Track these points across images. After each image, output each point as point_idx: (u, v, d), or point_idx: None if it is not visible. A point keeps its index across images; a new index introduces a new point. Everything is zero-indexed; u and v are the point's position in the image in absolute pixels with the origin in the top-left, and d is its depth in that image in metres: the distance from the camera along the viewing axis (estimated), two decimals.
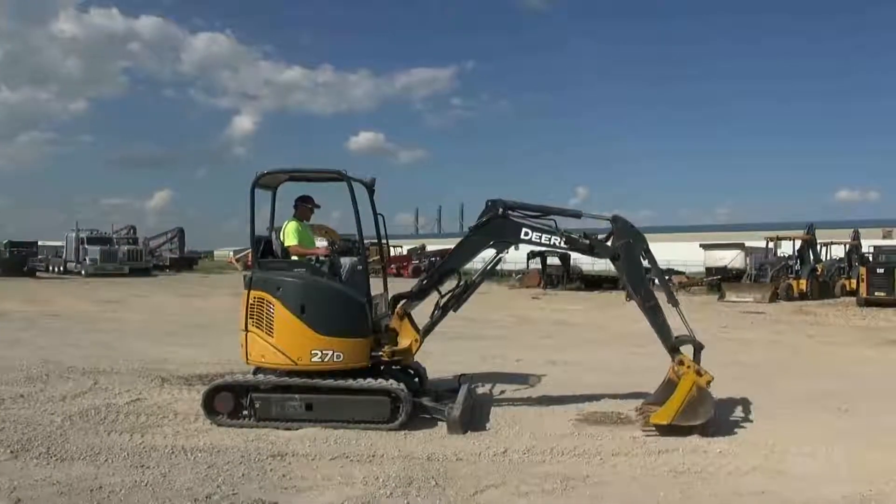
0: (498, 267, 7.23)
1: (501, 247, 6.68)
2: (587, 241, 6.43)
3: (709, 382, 6.02)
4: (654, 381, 8.07)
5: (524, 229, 6.44)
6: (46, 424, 6.04)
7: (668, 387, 6.27)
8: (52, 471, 4.87)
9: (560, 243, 6.48)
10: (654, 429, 5.92)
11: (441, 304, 6.67)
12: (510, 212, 6.49)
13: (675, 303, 6.32)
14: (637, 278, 6.34)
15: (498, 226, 6.50)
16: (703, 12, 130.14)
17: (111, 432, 5.87)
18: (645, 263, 6.46)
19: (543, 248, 6.31)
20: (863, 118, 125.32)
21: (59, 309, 18.47)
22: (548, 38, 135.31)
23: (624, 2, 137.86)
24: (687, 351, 6.21)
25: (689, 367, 6.05)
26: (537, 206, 6.66)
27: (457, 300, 6.65)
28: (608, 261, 6.58)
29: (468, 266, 7.16)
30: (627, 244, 6.32)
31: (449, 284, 6.76)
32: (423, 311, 6.75)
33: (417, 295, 6.67)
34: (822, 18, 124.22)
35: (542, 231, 6.46)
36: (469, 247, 6.68)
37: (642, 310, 6.25)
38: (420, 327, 6.60)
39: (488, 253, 6.81)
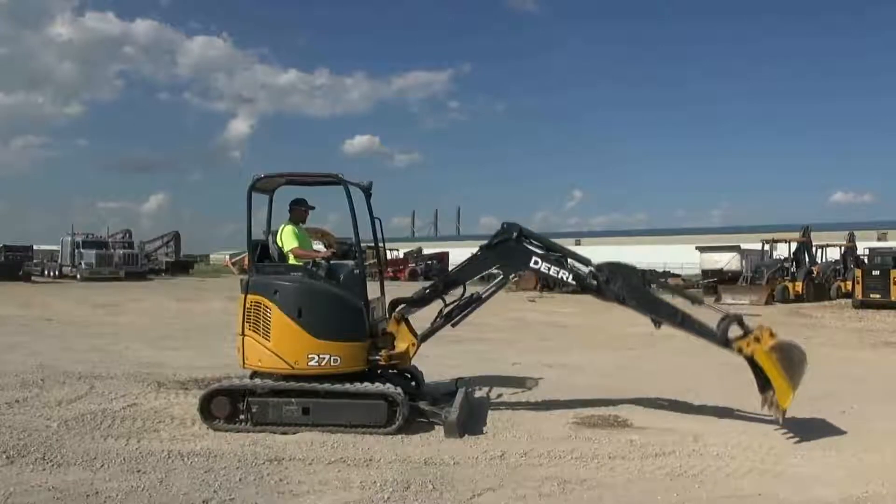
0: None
1: (508, 271, 6.72)
2: (595, 283, 6.35)
3: (772, 336, 5.94)
4: (652, 384, 8.11)
5: (534, 258, 6.45)
6: (42, 430, 6.01)
7: (758, 370, 6.06)
8: (47, 476, 4.84)
9: (568, 279, 6.43)
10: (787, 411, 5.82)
11: (444, 313, 6.68)
12: (523, 239, 6.50)
13: (699, 302, 6.27)
14: (652, 305, 6.29)
15: (509, 250, 6.52)
16: (697, 13, 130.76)
17: (107, 437, 5.85)
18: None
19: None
20: (858, 120, 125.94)
21: (55, 313, 18.39)
22: (543, 40, 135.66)
23: (618, 3, 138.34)
24: (735, 332, 6.07)
25: (748, 345, 5.94)
26: (550, 243, 6.68)
27: (461, 310, 6.65)
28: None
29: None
30: (623, 281, 6.29)
31: (453, 295, 6.75)
32: (421, 317, 6.74)
33: (417, 302, 6.68)
34: (818, 19, 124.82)
35: (552, 263, 6.43)
36: (477, 265, 6.71)
37: (675, 327, 6.21)
38: (418, 332, 6.60)
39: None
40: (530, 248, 6.52)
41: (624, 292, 6.28)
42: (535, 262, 6.46)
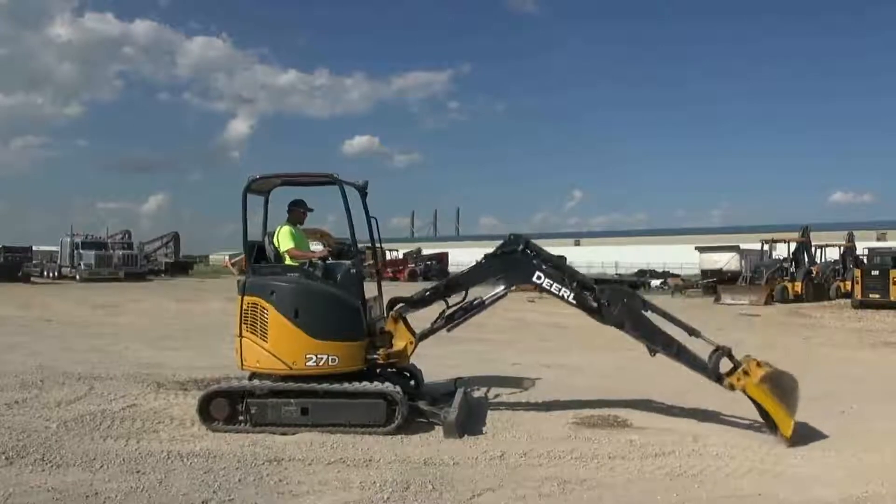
0: None
1: (510, 282, 6.72)
2: (595, 304, 6.33)
3: (759, 366, 5.98)
4: (651, 384, 8.10)
5: (537, 272, 6.44)
6: (41, 430, 6.00)
7: (756, 404, 6.11)
8: (47, 477, 4.84)
9: (569, 298, 6.40)
10: (791, 439, 5.78)
11: (447, 314, 6.67)
12: (528, 252, 6.50)
13: (696, 334, 6.24)
14: (650, 334, 6.26)
15: (514, 261, 6.53)
16: (697, 13, 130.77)
17: (106, 438, 5.85)
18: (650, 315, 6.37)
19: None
20: (858, 120, 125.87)
21: (54, 314, 18.40)
22: (543, 40, 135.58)
23: (618, 3, 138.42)
24: (726, 365, 6.09)
25: (738, 379, 5.97)
26: (553, 258, 6.67)
27: (463, 313, 6.64)
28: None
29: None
30: (624, 306, 6.27)
31: (454, 298, 6.74)
32: (420, 317, 6.73)
33: (417, 303, 6.66)
34: (818, 19, 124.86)
35: (554, 280, 6.41)
36: (480, 273, 6.70)
37: (670, 358, 6.21)
38: (416, 331, 6.60)
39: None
40: (535, 262, 6.51)
41: (624, 317, 6.28)
42: (538, 277, 6.43)
